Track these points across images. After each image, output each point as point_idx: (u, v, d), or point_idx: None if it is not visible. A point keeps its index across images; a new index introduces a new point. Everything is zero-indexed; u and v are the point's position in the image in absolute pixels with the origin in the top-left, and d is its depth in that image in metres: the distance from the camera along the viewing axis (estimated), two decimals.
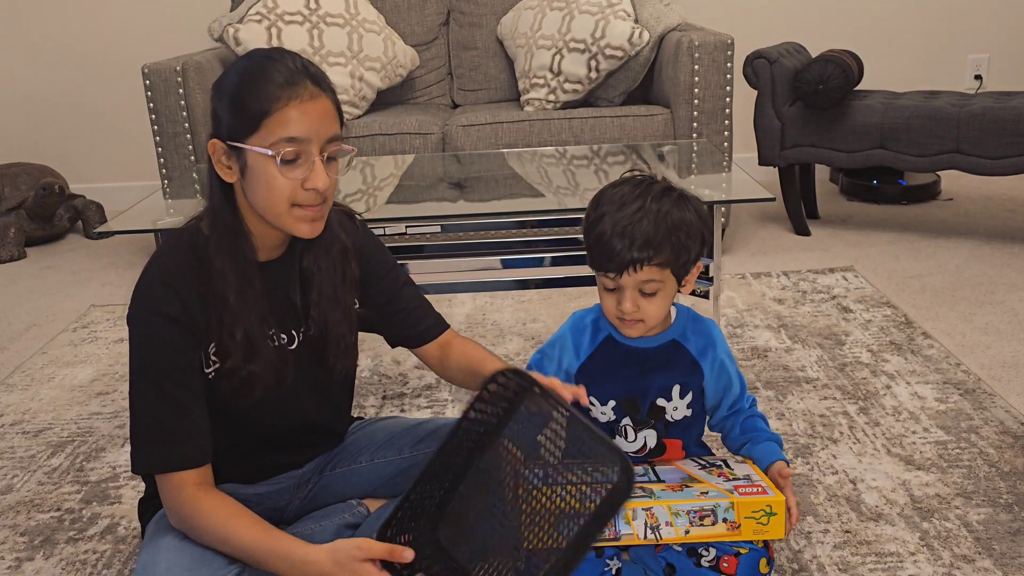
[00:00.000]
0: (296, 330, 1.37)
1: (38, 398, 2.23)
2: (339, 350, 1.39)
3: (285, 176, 1.21)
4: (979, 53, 3.89)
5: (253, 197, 1.25)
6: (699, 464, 1.40)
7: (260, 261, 1.32)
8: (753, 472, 1.35)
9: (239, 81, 1.21)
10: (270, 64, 1.20)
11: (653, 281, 1.29)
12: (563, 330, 1.44)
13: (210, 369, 1.28)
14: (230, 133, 1.22)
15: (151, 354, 1.24)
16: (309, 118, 1.20)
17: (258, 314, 1.29)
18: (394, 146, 2.98)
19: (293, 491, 1.49)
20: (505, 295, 2.74)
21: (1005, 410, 1.93)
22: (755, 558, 1.32)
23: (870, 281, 2.73)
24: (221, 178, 1.25)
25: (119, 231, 1.91)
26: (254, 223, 1.29)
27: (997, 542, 1.50)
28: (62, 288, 3.05)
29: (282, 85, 1.19)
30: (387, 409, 2.05)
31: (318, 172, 1.22)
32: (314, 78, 1.22)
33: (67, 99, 3.90)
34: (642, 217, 1.26)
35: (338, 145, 1.25)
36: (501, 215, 2.10)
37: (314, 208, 1.24)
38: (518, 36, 3.26)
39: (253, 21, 3.10)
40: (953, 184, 3.73)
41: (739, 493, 1.26)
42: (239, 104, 1.20)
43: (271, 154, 1.19)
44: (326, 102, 1.22)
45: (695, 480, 1.32)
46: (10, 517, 1.72)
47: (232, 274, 1.26)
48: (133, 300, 1.26)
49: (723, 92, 2.90)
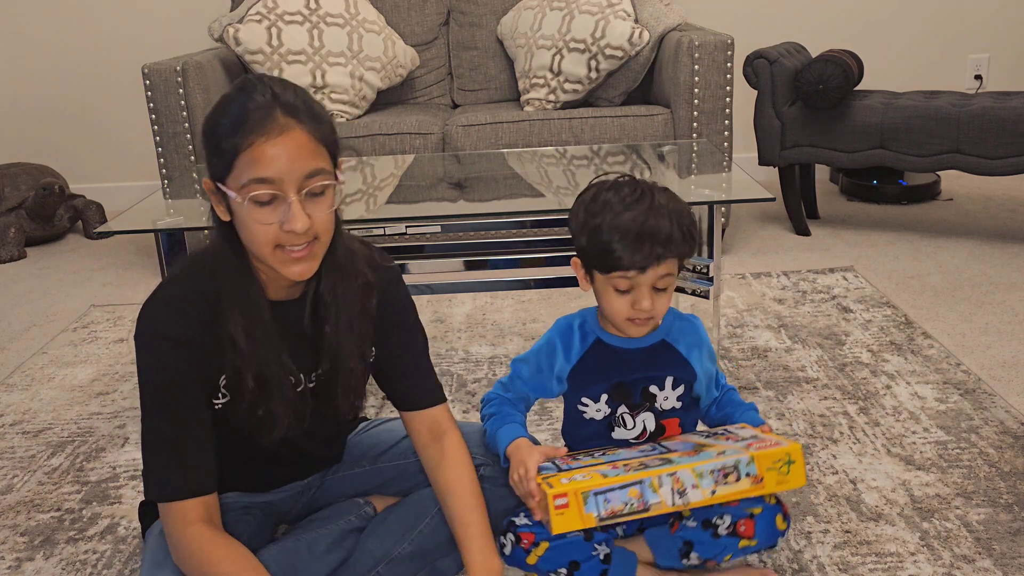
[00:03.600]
0: (312, 371, 1.32)
1: (38, 398, 2.23)
2: (348, 385, 1.32)
3: (258, 220, 1.13)
4: (979, 53, 3.89)
5: (243, 239, 1.18)
6: (704, 434, 1.42)
7: (275, 300, 1.26)
8: (756, 432, 1.37)
9: (213, 118, 1.14)
10: (241, 97, 1.13)
11: (670, 275, 1.32)
12: (550, 336, 1.44)
13: (219, 402, 1.25)
14: (212, 173, 1.16)
15: (156, 377, 1.20)
16: (279, 156, 1.10)
17: (272, 355, 1.23)
18: (394, 146, 2.98)
19: (296, 496, 1.49)
20: (505, 295, 2.74)
21: (1005, 410, 1.93)
22: (771, 515, 1.36)
23: (870, 281, 2.73)
24: (219, 215, 1.20)
25: (119, 231, 1.91)
26: (258, 261, 1.22)
27: (997, 542, 1.50)
28: (62, 288, 3.05)
29: (250, 121, 1.10)
30: (387, 410, 2.05)
31: (295, 214, 1.12)
32: (287, 108, 1.12)
33: (67, 99, 3.90)
34: (656, 213, 1.29)
35: (322, 179, 1.14)
36: (501, 215, 2.10)
37: (300, 250, 1.16)
38: (518, 36, 3.26)
39: (253, 21, 3.10)
40: (953, 184, 3.73)
41: (755, 448, 1.29)
42: (213, 144, 1.14)
43: (239, 200, 1.12)
44: (299, 135, 1.12)
45: (707, 445, 1.34)
46: (10, 517, 1.72)
47: (239, 314, 1.20)
48: (140, 320, 1.21)
49: (723, 92, 2.90)
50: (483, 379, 2.18)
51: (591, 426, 1.44)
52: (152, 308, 1.21)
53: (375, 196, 2.25)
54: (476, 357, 2.32)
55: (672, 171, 2.37)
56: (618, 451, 1.39)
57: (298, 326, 1.29)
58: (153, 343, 1.20)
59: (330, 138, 1.17)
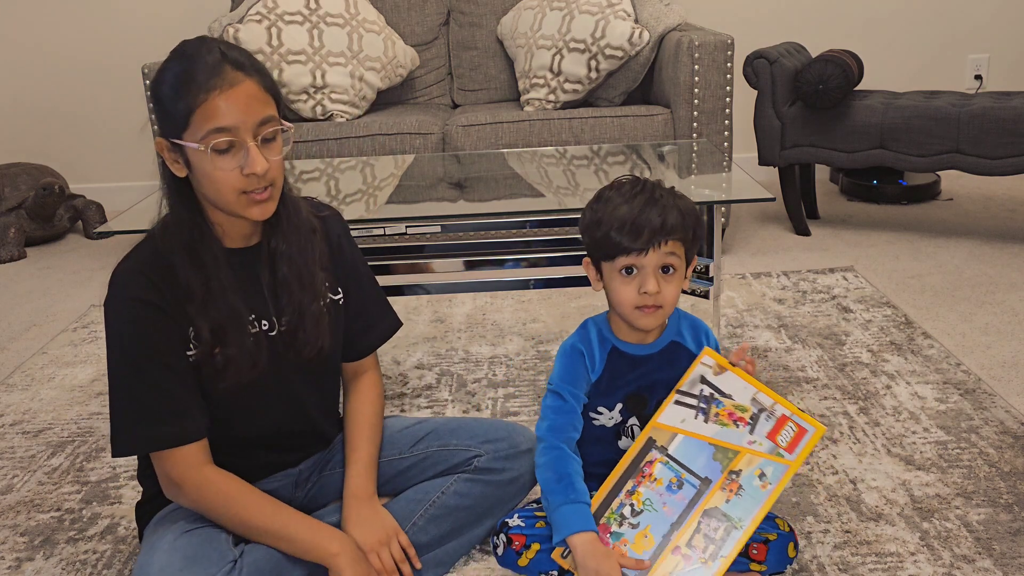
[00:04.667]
0: (277, 316, 1.38)
1: (38, 398, 2.23)
2: (308, 328, 1.39)
3: (220, 167, 1.22)
4: (979, 53, 3.89)
5: (202, 190, 1.28)
6: (703, 415, 1.36)
7: (233, 248, 1.34)
8: (754, 392, 1.36)
9: (164, 80, 1.23)
10: (188, 60, 1.22)
11: (675, 255, 1.32)
12: (572, 360, 1.41)
13: (191, 352, 1.30)
14: (167, 131, 1.25)
15: (130, 339, 1.27)
16: (234, 105, 1.21)
17: (229, 302, 1.30)
18: (394, 146, 2.98)
19: (292, 490, 1.50)
20: (505, 295, 2.74)
21: (1005, 410, 1.93)
22: (783, 543, 1.36)
23: (870, 281, 2.73)
24: (174, 174, 1.28)
25: (119, 231, 1.91)
26: (215, 212, 1.31)
27: (997, 542, 1.50)
28: (62, 288, 3.05)
29: (202, 79, 1.20)
30: (387, 409, 2.05)
31: (253, 157, 1.23)
32: (235, 63, 1.22)
33: (67, 99, 3.90)
34: (655, 202, 1.32)
35: (273, 125, 1.26)
36: (501, 215, 2.10)
37: (262, 192, 1.26)
38: (518, 36, 3.26)
39: (253, 21, 3.10)
40: (953, 184, 3.73)
41: (789, 453, 1.32)
42: (169, 105, 1.23)
43: (201, 148, 1.21)
44: (250, 85, 1.23)
45: (733, 458, 1.32)
46: (10, 517, 1.72)
47: (192, 264, 1.28)
48: (109, 288, 1.29)
49: (723, 92, 2.90)
50: (483, 379, 2.18)
51: (598, 432, 1.43)
52: (118, 276, 1.29)
53: (375, 196, 2.25)
54: (476, 357, 2.32)
55: (672, 171, 2.37)
56: (662, 493, 1.34)
57: (255, 274, 1.36)
58: (124, 307, 1.27)
59: (274, 89, 1.28)
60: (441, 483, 1.47)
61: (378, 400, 1.54)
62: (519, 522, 1.41)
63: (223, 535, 1.33)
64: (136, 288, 1.26)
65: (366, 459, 1.46)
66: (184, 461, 1.30)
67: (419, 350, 2.37)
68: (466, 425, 1.55)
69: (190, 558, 1.25)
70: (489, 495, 1.48)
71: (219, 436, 1.35)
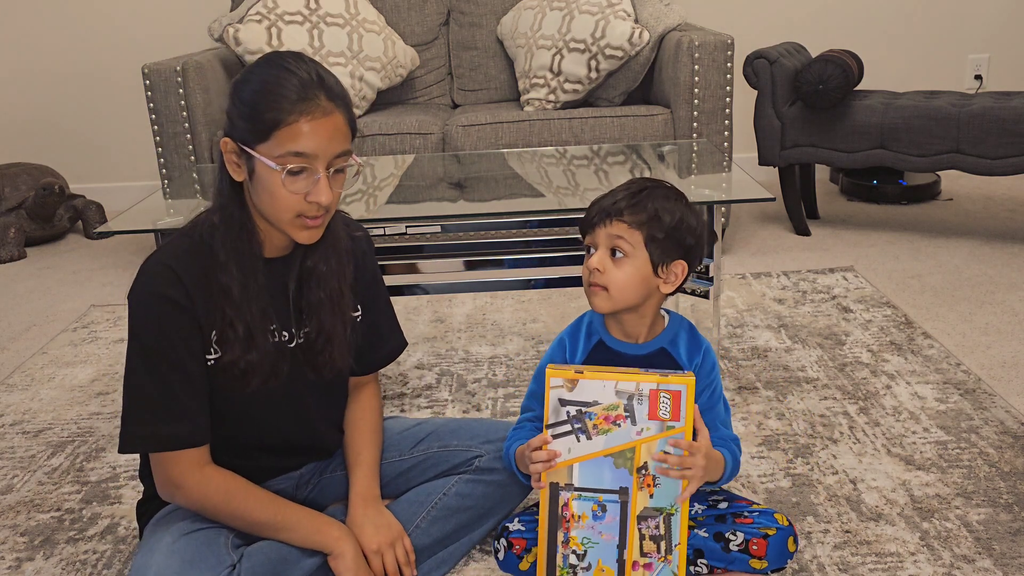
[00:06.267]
0: (297, 329, 1.38)
1: (38, 398, 2.23)
2: (334, 349, 1.39)
3: (288, 188, 1.23)
4: (979, 53, 3.89)
5: (258, 200, 1.27)
6: (583, 435, 1.30)
7: (266, 257, 1.34)
8: (613, 385, 1.29)
9: (255, 88, 1.22)
10: (287, 75, 1.21)
11: (622, 239, 1.31)
12: (560, 336, 1.45)
13: (211, 357, 1.30)
14: (242, 137, 1.24)
15: (148, 335, 1.26)
16: (319, 135, 1.21)
17: (259, 307, 1.30)
18: (394, 146, 2.98)
19: (293, 491, 1.50)
20: (505, 295, 2.74)
21: (1005, 410, 1.93)
22: (783, 537, 1.36)
23: (870, 281, 2.73)
24: (231, 174, 1.27)
25: (119, 231, 1.91)
26: (260, 220, 1.31)
27: (997, 542, 1.50)
28: (62, 288, 3.05)
29: (296, 99, 1.20)
30: (387, 409, 2.05)
31: (322, 187, 1.23)
32: (329, 92, 1.23)
33: (67, 99, 3.90)
34: (627, 186, 1.35)
35: (346, 159, 1.27)
36: (501, 215, 2.10)
37: (315, 219, 1.27)
38: (518, 36, 3.26)
39: (253, 21, 3.10)
40: (953, 184, 3.73)
41: (676, 421, 1.28)
42: (253, 112, 1.22)
43: (276, 168, 1.21)
44: (338, 118, 1.23)
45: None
46: (10, 517, 1.72)
47: (236, 266, 1.28)
48: (136, 279, 1.27)
49: (723, 92, 2.90)
50: (483, 379, 2.18)
51: None
52: (147, 268, 1.28)
53: (375, 196, 2.25)
54: (476, 357, 2.32)
55: (672, 171, 2.37)
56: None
57: (283, 283, 1.36)
58: (148, 301, 1.26)
59: (355, 123, 1.30)
60: (442, 484, 1.47)
61: (379, 408, 1.55)
62: (520, 526, 1.41)
63: (222, 538, 1.32)
64: (161, 283, 1.25)
65: (371, 462, 1.47)
66: (185, 462, 1.30)
67: (419, 350, 2.37)
68: (466, 425, 1.55)
69: (188, 561, 1.25)
70: (491, 495, 1.48)
71: (223, 441, 1.35)
